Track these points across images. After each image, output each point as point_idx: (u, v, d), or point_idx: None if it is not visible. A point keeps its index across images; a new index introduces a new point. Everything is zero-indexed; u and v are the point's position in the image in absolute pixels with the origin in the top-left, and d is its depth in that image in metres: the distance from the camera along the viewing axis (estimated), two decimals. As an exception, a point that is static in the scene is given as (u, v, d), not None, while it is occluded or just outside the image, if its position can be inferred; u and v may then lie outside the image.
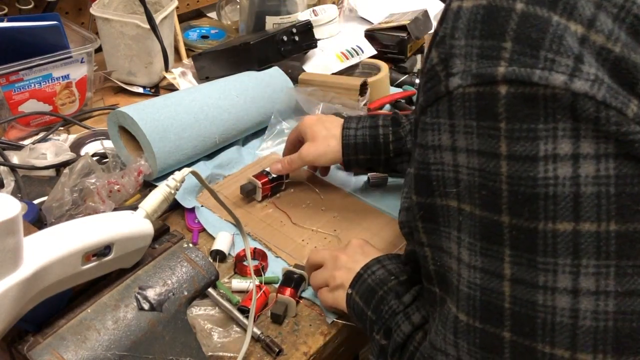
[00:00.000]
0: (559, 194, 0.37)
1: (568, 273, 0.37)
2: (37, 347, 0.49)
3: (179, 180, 0.62)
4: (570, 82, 0.36)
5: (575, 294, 0.37)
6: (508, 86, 0.37)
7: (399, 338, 0.55)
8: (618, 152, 0.36)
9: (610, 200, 0.36)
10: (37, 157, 0.95)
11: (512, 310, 0.40)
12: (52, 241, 0.49)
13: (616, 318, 0.37)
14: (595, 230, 0.37)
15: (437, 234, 0.45)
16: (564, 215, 0.37)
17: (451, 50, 0.40)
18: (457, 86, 0.39)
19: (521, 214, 0.38)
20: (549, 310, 0.38)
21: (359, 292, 0.64)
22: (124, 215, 0.56)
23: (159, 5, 1.23)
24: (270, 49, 1.11)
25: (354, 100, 1.08)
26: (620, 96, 0.36)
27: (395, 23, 1.30)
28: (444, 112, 0.41)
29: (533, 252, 0.38)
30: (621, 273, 0.37)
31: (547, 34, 0.36)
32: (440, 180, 0.43)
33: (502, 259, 0.40)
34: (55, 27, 1.03)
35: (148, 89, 1.22)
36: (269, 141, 1.05)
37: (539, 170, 0.37)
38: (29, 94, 1.03)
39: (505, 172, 0.38)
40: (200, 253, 0.60)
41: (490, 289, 0.41)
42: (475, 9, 0.39)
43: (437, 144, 0.42)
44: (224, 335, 0.70)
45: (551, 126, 0.36)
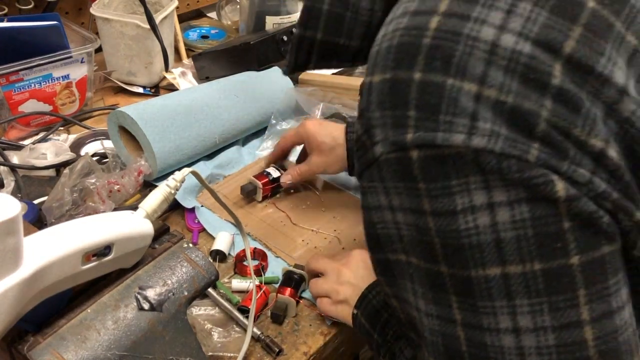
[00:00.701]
0: (482, 242, 0.39)
1: (506, 314, 0.40)
2: (37, 347, 0.49)
3: (179, 180, 0.62)
4: (468, 140, 0.38)
5: (517, 333, 0.40)
6: (418, 150, 0.39)
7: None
8: (528, 196, 0.38)
9: (529, 242, 0.38)
10: (37, 157, 0.95)
11: (469, 353, 0.42)
12: (52, 241, 0.49)
13: (558, 351, 0.40)
14: (522, 272, 0.39)
15: (397, 286, 0.48)
16: (490, 260, 0.39)
17: (370, 122, 0.43)
18: (380, 154, 0.42)
19: (454, 264, 0.41)
20: (497, 350, 0.41)
21: (364, 314, 0.66)
22: (124, 215, 0.56)
23: (159, 5, 1.23)
24: (270, 49, 1.11)
25: (354, 100, 1.08)
26: (519, 144, 0.38)
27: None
28: (376, 177, 0.44)
29: (473, 297, 0.41)
30: (554, 308, 0.39)
31: (443, 98, 0.39)
32: (387, 237, 0.46)
33: (450, 306, 0.42)
34: (55, 27, 1.03)
35: (148, 89, 1.22)
36: (269, 141, 1.05)
37: (460, 223, 0.39)
38: (29, 94, 1.03)
39: (433, 227, 0.41)
40: (200, 253, 0.60)
41: (448, 334, 0.43)
42: (382, 83, 0.41)
43: (377, 205, 0.45)
44: (224, 335, 0.70)
45: (463, 181, 0.39)
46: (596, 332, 0.39)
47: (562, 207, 0.38)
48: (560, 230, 0.38)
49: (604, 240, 0.39)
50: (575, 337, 0.39)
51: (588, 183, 0.38)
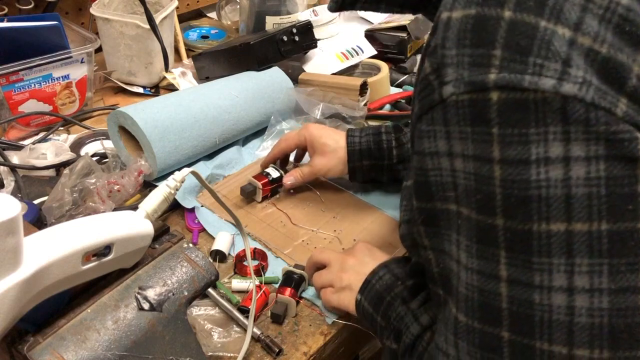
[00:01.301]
0: (551, 196, 0.38)
1: (563, 272, 0.38)
2: (37, 347, 0.49)
3: (179, 180, 0.62)
4: (559, 85, 0.37)
5: (571, 292, 0.38)
6: (499, 92, 0.38)
7: (407, 339, 0.56)
8: (608, 154, 0.37)
9: (601, 200, 0.37)
10: (37, 157, 0.95)
11: (510, 310, 0.41)
12: (52, 241, 0.49)
13: (611, 314, 0.38)
14: (588, 230, 0.38)
15: (439, 237, 0.47)
16: (556, 216, 0.38)
17: (443, 60, 0.41)
18: (451, 94, 0.40)
19: (515, 217, 0.39)
20: (545, 309, 0.39)
21: (367, 298, 0.65)
22: (124, 215, 0.56)
23: (159, 5, 1.23)
24: (270, 49, 1.11)
25: (354, 100, 1.08)
26: (609, 96, 0.37)
27: (395, 23, 1.30)
28: (438, 120, 0.42)
29: (528, 253, 0.39)
30: (614, 271, 0.38)
31: (535, 40, 0.37)
32: (439, 185, 0.44)
33: (497, 261, 0.41)
34: (55, 27, 1.03)
35: (148, 89, 1.22)
36: (269, 141, 1.05)
37: (532, 173, 0.38)
38: (29, 94, 1.03)
39: (499, 175, 0.39)
40: (200, 253, 0.60)
41: (487, 290, 0.42)
42: (465, 19, 0.40)
43: (434, 151, 0.43)
44: (224, 335, 0.70)
45: (542, 130, 0.37)
46: None
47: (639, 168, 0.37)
48: (634, 192, 0.37)
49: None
50: (630, 302, 0.38)
51: None
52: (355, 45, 1.26)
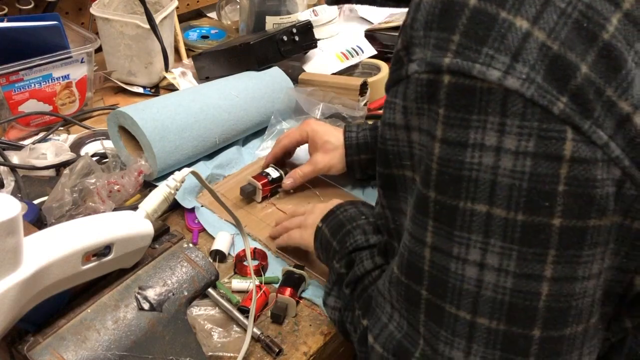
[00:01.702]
0: (480, 179, 0.40)
1: (478, 249, 0.41)
2: (37, 347, 0.49)
3: (179, 180, 0.62)
4: (503, 78, 0.38)
5: (482, 267, 0.42)
6: (450, 76, 0.40)
7: (358, 271, 0.61)
8: (536, 151, 0.39)
9: (521, 193, 0.39)
10: (37, 157, 0.95)
11: (430, 273, 0.44)
12: (52, 241, 0.49)
13: (512, 294, 0.41)
14: (505, 217, 0.40)
15: (395, 198, 0.51)
16: (481, 198, 0.40)
17: (412, 40, 0.43)
18: (414, 72, 0.43)
19: (445, 192, 0.42)
20: (458, 278, 0.43)
21: (328, 226, 0.69)
22: (124, 215, 0.56)
23: (159, 5, 1.23)
24: (270, 49, 1.11)
25: (354, 100, 1.08)
26: (549, 94, 0.38)
27: (395, 23, 1.30)
28: (400, 94, 0.45)
29: (452, 226, 0.42)
30: (521, 257, 0.40)
31: (492, 31, 0.39)
32: (396, 154, 0.48)
33: (425, 228, 0.44)
34: (55, 27, 1.03)
35: (148, 89, 1.22)
36: (269, 141, 1.05)
37: (467, 156, 0.40)
38: (29, 94, 1.03)
39: (437, 153, 0.42)
40: (200, 253, 0.60)
41: (415, 252, 0.46)
42: (434, 2, 0.42)
43: (392, 122, 0.47)
44: (224, 335, 0.70)
45: (482, 118, 0.39)
46: (552, 290, 0.41)
47: (563, 167, 0.38)
48: (553, 191, 0.39)
49: (594, 213, 0.40)
50: (530, 288, 0.41)
51: (603, 146, 0.38)
52: (355, 45, 1.26)
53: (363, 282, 0.60)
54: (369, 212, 0.68)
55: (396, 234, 0.53)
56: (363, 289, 0.60)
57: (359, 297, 0.60)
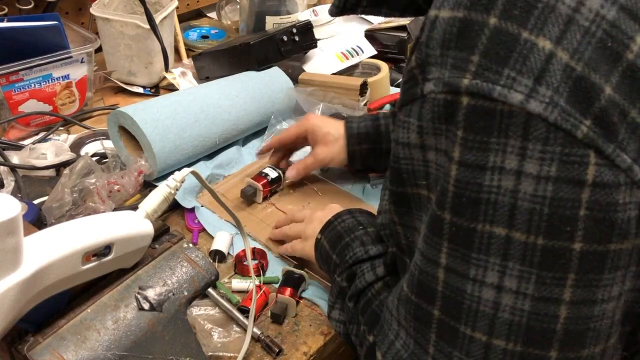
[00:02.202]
0: (499, 202, 0.40)
1: (496, 271, 0.41)
2: (37, 347, 0.49)
3: (179, 180, 0.62)
4: (526, 102, 0.37)
5: (499, 290, 0.41)
6: (469, 98, 0.39)
7: (360, 284, 0.60)
8: (558, 175, 0.38)
9: (542, 218, 0.39)
10: (37, 157, 0.95)
11: (443, 294, 0.44)
12: (52, 241, 0.49)
13: (530, 317, 0.41)
14: (524, 241, 0.40)
15: (409, 216, 0.50)
16: (500, 221, 0.40)
17: (427, 58, 0.42)
18: (430, 91, 0.42)
19: (462, 214, 0.41)
20: (474, 299, 0.42)
21: (327, 237, 0.69)
22: (124, 215, 0.56)
23: (159, 5, 1.23)
24: (270, 49, 1.11)
25: (354, 100, 1.08)
26: (572, 118, 0.37)
27: (395, 23, 1.30)
28: (415, 114, 0.44)
29: (469, 248, 0.41)
30: (540, 281, 0.40)
31: (513, 52, 0.38)
32: (410, 173, 0.47)
33: (440, 250, 0.43)
34: (55, 27, 1.03)
35: (148, 89, 1.22)
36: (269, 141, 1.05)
37: (485, 178, 0.39)
38: (29, 94, 1.03)
39: (454, 175, 0.41)
40: (200, 253, 0.60)
41: (427, 272, 0.45)
42: (452, 21, 0.40)
43: (406, 142, 0.46)
44: (224, 335, 0.70)
45: (503, 141, 0.38)
46: (570, 313, 0.41)
47: (585, 192, 0.38)
48: (574, 216, 0.38)
49: (615, 238, 0.39)
50: (549, 311, 0.40)
51: (627, 169, 0.38)
52: (355, 45, 1.26)
53: (366, 295, 0.60)
54: (366, 221, 0.68)
55: (408, 250, 0.52)
56: (366, 302, 0.59)
57: (363, 310, 0.59)
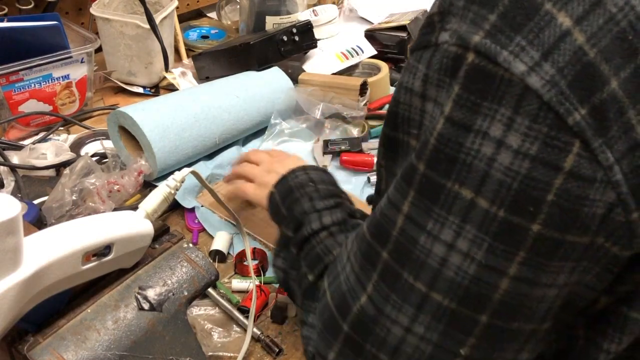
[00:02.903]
0: (474, 166, 0.39)
1: (452, 230, 0.41)
2: (37, 347, 0.49)
3: (179, 180, 0.62)
4: (527, 74, 0.37)
5: (450, 248, 0.41)
6: (475, 56, 0.39)
7: (305, 232, 0.61)
8: (537, 155, 0.38)
9: (509, 192, 0.39)
10: (37, 157, 0.95)
11: (397, 239, 0.44)
12: (52, 241, 0.49)
13: (472, 280, 0.41)
14: (486, 208, 0.40)
15: (393, 161, 0.50)
16: (470, 184, 0.40)
17: (450, 8, 0.42)
18: (444, 41, 0.41)
19: (436, 169, 0.41)
20: (424, 252, 0.43)
21: (279, 191, 0.70)
22: (124, 215, 0.56)
23: (159, 5, 1.23)
24: (270, 49, 1.11)
25: (354, 100, 1.08)
26: (568, 103, 0.37)
27: (395, 23, 1.30)
28: (424, 61, 0.43)
29: (433, 202, 0.42)
30: (490, 250, 0.40)
31: (530, 21, 0.37)
32: (406, 120, 0.47)
33: (405, 197, 0.44)
34: (55, 27, 1.03)
35: (148, 89, 1.22)
36: (269, 141, 1.05)
37: (468, 140, 0.39)
38: (29, 94, 1.03)
39: (439, 129, 0.41)
40: (200, 253, 0.60)
41: (387, 216, 0.45)
42: None
43: (409, 87, 0.45)
44: (224, 335, 0.70)
45: (494, 107, 0.38)
46: (510, 287, 0.41)
47: (558, 178, 0.38)
48: (541, 198, 0.38)
49: (574, 230, 0.39)
50: (490, 280, 0.41)
51: (607, 168, 0.38)
52: (355, 45, 1.26)
53: (310, 243, 0.61)
54: (318, 178, 0.70)
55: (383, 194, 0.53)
56: (310, 248, 0.60)
57: (306, 255, 0.60)
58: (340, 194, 0.68)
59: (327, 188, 0.67)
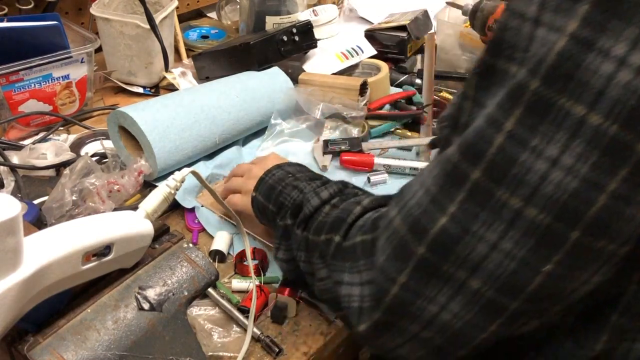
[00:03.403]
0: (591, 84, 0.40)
1: (560, 145, 0.42)
2: (37, 347, 0.49)
3: (179, 180, 0.62)
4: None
5: (554, 164, 0.42)
6: None
7: (307, 210, 0.62)
8: None
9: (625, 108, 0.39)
10: (37, 157, 0.95)
11: (493, 157, 0.44)
12: (52, 241, 0.49)
13: (570, 195, 0.42)
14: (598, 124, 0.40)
15: (486, 91, 0.49)
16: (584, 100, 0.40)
17: None
18: None
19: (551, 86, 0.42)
20: (524, 167, 0.43)
21: (260, 192, 0.72)
22: (124, 215, 0.56)
23: (159, 5, 1.23)
24: (270, 49, 1.11)
25: (354, 100, 1.08)
26: None
27: (395, 23, 1.30)
28: None
29: (542, 118, 0.42)
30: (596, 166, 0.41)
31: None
32: (511, 46, 0.46)
33: (510, 113, 0.44)
34: (55, 27, 1.03)
35: (148, 89, 1.22)
36: (269, 141, 1.05)
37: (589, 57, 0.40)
38: (29, 94, 1.03)
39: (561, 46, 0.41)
40: (200, 253, 0.60)
41: (483, 135, 0.45)
42: None
43: (522, 12, 0.45)
44: (224, 335, 0.70)
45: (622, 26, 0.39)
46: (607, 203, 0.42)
47: None
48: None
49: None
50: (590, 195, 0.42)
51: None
52: (355, 45, 1.26)
53: (316, 219, 0.61)
54: (295, 170, 0.71)
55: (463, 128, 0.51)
56: (318, 222, 0.60)
57: (317, 229, 0.60)
58: (322, 177, 0.69)
59: (306, 175, 0.69)
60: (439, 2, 1.34)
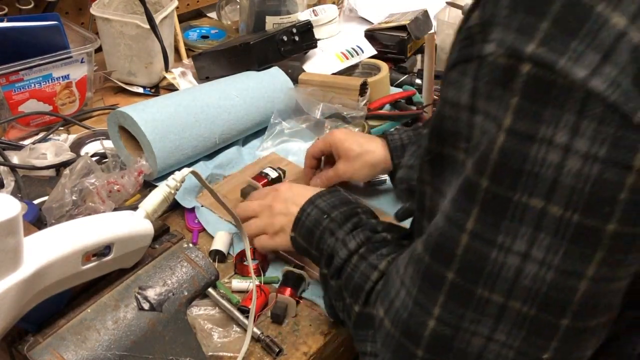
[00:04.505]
0: (541, 175, 0.39)
1: (525, 240, 0.41)
2: (37, 347, 0.49)
3: (179, 180, 0.62)
4: (589, 79, 0.37)
5: (525, 258, 0.41)
6: (531, 66, 0.38)
7: (337, 263, 0.62)
8: (607, 157, 0.38)
9: (582, 195, 0.39)
10: (37, 157, 0.95)
11: (463, 258, 0.44)
12: (52, 241, 0.49)
13: (550, 286, 0.42)
14: (560, 215, 0.40)
15: (439, 177, 0.49)
16: (539, 193, 0.40)
17: (492, 18, 0.41)
18: (490, 53, 0.40)
19: (501, 183, 0.41)
20: (497, 265, 0.42)
21: (300, 234, 0.71)
22: (124, 215, 0.56)
23: (159, 5, 1.23)
24: (270, 49, 1.11)
25: (354, 100, 1.08)
26: (632, 102, 0.37)
27: (395, 23, 1.30)
28: (470, 74, 0.43)
29: (501, 217, 0.42)
30: (568, 255, 0.40)
31: (585, 24, 0.37)
32: (452, 135, 0.46)
33: (469, 214, 0.43)
34: (55, 27, 1.03)
35: (148, 89, 1.22)
36: (269, 141, 1.05)
37: (532, 150, 0.39)
38: (29, 94, 1.03)
39: (501, 143, 0.40)
40: (200, 253, 0.60)
41: (448, 236, 0.45)
42: None
43: (456, 101, 0.44)
44: (224, 335, 0.70)
45: (557, 113, 0.38)
46: (589, 288, 0.41)
47: (630, 177, 0.38)
48: (614, 198, 0.38)
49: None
50: (569, 283, 0.41)
51: None
52: (355, 45, 1.26)
53: (345, 271, 0.61)
54: (328, 206, 0.70)
55: (429, 213, 0.52)
56: (347, 276, 0.60)
57: (346, 285, 0.60)
58: (356, 210, 0.68)
59: (340, 213, 0.67)
60: (439, 2, 1.34)
